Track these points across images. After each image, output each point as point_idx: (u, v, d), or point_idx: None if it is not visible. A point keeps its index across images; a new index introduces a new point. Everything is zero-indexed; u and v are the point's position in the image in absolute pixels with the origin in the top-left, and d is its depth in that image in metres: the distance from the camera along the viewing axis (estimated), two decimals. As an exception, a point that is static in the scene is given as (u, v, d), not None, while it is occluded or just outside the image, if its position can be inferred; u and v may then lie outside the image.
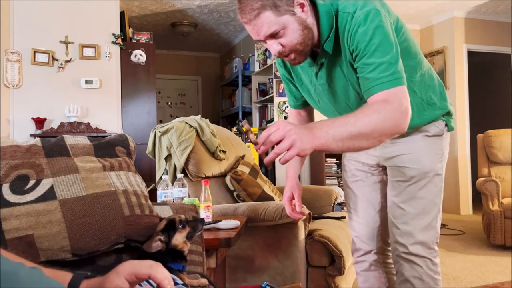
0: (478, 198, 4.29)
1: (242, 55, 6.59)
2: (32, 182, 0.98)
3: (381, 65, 1.15)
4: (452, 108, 1.53)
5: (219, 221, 1.72)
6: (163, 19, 6.15)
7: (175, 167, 2.33)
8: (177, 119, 2.47)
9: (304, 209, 2.03)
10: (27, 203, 0.94)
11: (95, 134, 4.31)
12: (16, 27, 4.30)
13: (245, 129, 1.10)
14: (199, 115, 2.56)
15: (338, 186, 4.91)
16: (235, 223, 1.71)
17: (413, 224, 1.44)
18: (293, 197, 1.60)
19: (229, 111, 6.80)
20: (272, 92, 5.30)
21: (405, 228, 1.44)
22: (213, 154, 2.48)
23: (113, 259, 1.07)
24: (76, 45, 4.49)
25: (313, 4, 1.26)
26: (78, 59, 4.49)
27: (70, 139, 1.12)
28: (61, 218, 0.95)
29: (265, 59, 5.61)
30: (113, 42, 4.60)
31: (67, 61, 4.43)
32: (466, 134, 5.84)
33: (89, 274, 0.76)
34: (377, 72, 1.15)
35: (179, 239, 1.03)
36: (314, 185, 4.03)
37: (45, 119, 4.30)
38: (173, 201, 1.84)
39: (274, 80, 5.19)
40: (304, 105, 1.63)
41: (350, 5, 1.21)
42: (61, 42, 4.44)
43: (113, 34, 4.60)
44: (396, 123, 1.12)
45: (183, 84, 8.06)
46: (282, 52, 1.23)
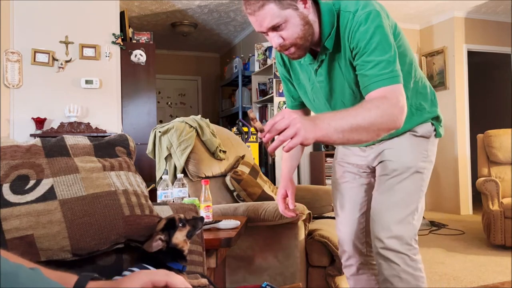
0: (478, 198, 4.29)
1: (242, 55, 6.59)
2: (32, 182, 0.98)
3: (380, 63, 1.20)
4: (442, 116, 1.55)
5: (219, 221, 1.72)
6: (163, 19, 6.15)
7: (175, 167, 2.33)
8: (177, 119, 2.47)
9: (304, 209, 2.04)
10: (27, 203, 0.94)
11: (95, 134, 4.31)
12: (16, 27, 4.30)
13: (251, 117, 1.11)
14: (199, 115, 2.56)
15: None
16: (235, 223, 1.71)
17: (388, 215, 1.44)
18: (287, 195, 1.62)
19: (229, 111, 6.80)
20: (272, 92, 5.30)
21: (380, 219, 1.45)
22: (213, 154, 2.48)
23: (113, 259, 1.07)
24: (76, 45, 4.49)
25: (316, 3, 1.30)
26: (78, 59, 4.49)
27: (70, 139, 1.12)
28: (61, 218, 0.95)
29: (265, 59, 5.61)
30: (113, 42, 4.60)
31: (67, 61, 4.44)
32: (466, 134, 5.84)
33: (95, 276, 0.76)
34: (376, 70, 1.20)
35: (179, 238, 1.03)
36: (314, 185, 4.03)
37: (45, 119, 4.30)
38: (173, 201, 1.84)
39: (274, 80, 5.19)
40: (302, 106, 1.64)
41: (352, 5, 1.26)
42: (61, 42, 4.44)
43: (113, 34, 4.60)
44: (393, 119, 1.17)
45: (183, 84, 8.06)
46: (283, 45, 1.27)
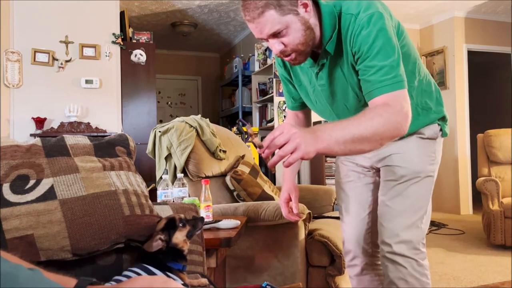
0: (478, 198, 4.28)
1: (242, 55, 6.59)
2: (32, 182, 0.98)
3: (383, 68, 1.16)
4: (448, 115, 1.54)
5: (219, 221, 1.72)
6: (163, 19, 6.15)
7: (175, 167, 2.33)
8: (177, 119, 2.47)
9: (304, 209, 2.04)
10: (27, 203, 0.94)
11: (95, 134, 4.31)
12: (16, 27, 4.30)
13: (249, 133, 1.10)
14: (199, 115, 2.56)
15: (338, 186, 4.91)
16: (235, 223, 1.71)
17: (397, 222, 1.43)
18: (290, 199, 1.59)
19: (229, 111, 6.80)
20: (272, 92, 5.30)
21: (390, 226, 1.44)
22: (213, 154, 2.48)
23: (113, 259, 1.07)
24: (76, 45, 4.49)
25: (316, 5, 1.26)
26: (78, 59, 4.49)
27: (70, 139, 1.12)
28: (61, 218, 0.95)
29: (265, 59, 5.61)
30: (113, 42, 4.60)
31: (67, 61, 4.43)
32: (466, 134, 5.84)
33: (94, 281, 0.76)
34: (379, 75, 1.16)
35: (179, 238, 1.03)
36: (314, 185, 4.03)
37: (45, 119, 4.30)
38: (173, 201, 1.84)
39: (274, 80, 5.19)
40: (302, 107, 1.63)
41: (354, 7, 1.22)
42: (61, 42, 4.44)
43: (113, 34, 4.60)
44: (397, 126, 1.13)
45: (183, 84, 8.06)
46: (284, 52, 1.23)
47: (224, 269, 2.13)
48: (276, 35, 1.20)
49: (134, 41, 4.88)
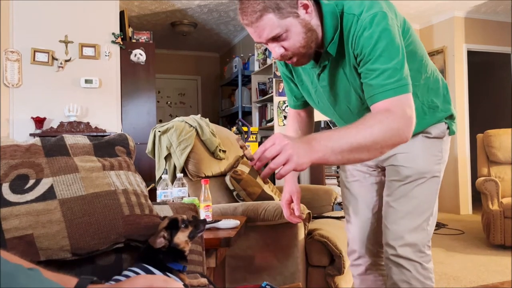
0: (478, 198, 4.28)
1: (242, 55, 6.59)
2: (32, 182, 0.97)
3: (386, 72, 1.11)
4: (455, 112, 1.49)
5: (219, 221, 1.72)
6: (163, 19, 6.15)
7: (175, 167, 2.33)
8: (177, 119, 2.47)
9: (304, 209, 2.03)
10: (27, 203, 0.94)
11: (95, 134, 4.31)
12: (16, 27, 4.30)
13: (240, 145, 1.07)
14: (199, 115, 2.56)
15: (338, 186, 4.91)
16: (235, 223, 1.70)
17: (402, 224, 1.40)
18: (292, 200, 1.55)
19: (229, 111, 6.80)
20: (272, 92, 5.30)
21: (394, 228, 1.41)
22: (213, 154, 2.48)
23: (113, 259, 1.07)
24: (76, 45, 4.48)
25: (317, 4, 1.20)
26: (78, 59, 4.49)
27: (70, 139, 1.12)
28: (61, 218, 0.95)
29: (265, 59, 5.61)
30: (113, 42, 4.60)
31: (67, 61, 4.43)
32: (466, 134, 5.84)
33: (95, 279, 0.76)
34: (381, 79, 1.11)
35: (181, 238, 1.03)
36: (314, 185, 4.03)
37: (45, 119, 4.30)
38: (173, 201, 1.84)
39: (274, 80, 5.19)
40: (304, 105, 1.58)
41: (356, 6, 1.16)
42: (61, 42, 4.44)
43: (113, 34, 4.60)
44: (399, 133, 1.09)
45: (183, 84, 8.06)
46: (285, 56, 1.18)
47: (224, 269, 2.13)
48: (276, 39, 1.15)
49: (134, 41, 4.88)
